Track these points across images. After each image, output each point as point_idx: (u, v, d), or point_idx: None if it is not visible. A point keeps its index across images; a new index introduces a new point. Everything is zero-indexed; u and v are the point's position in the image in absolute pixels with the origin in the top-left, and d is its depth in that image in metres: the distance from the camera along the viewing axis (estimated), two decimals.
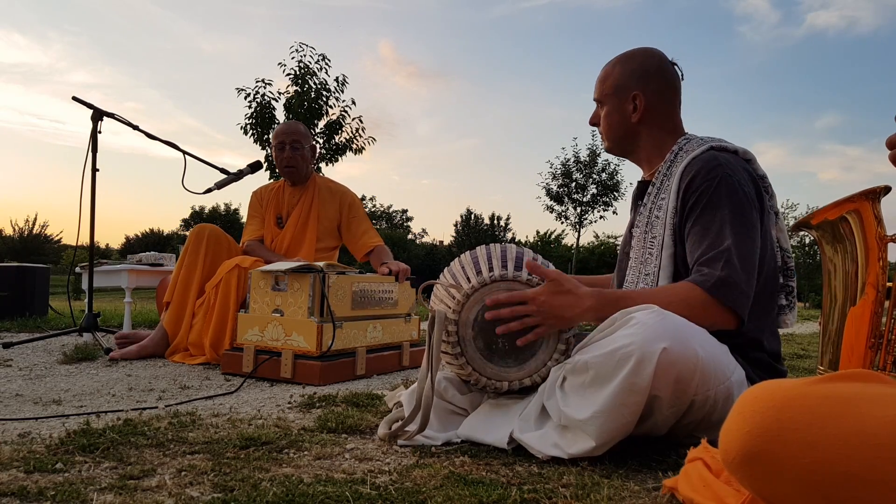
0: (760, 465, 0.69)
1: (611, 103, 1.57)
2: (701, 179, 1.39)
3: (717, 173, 1.38)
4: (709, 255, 1.33)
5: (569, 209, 25.41)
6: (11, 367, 2.31)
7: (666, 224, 1.44)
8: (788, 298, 1.48)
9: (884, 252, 1.09)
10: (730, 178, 1.37)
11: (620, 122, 1.57)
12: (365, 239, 2.92)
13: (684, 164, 1.44)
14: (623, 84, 1.56)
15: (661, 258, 1.44)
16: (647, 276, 1.47)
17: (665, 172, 1.50)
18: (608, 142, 1.62)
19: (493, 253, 1.43)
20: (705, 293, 1.30)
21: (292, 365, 2.17)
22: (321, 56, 12.73)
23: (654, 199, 1.50)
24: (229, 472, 1.09)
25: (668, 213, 1.45)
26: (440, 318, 1.35)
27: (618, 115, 1.57)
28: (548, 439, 1.22)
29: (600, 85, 1.60)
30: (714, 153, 1.43)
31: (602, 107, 1.60)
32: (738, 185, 1.37)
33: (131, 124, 2.96)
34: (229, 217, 39.06)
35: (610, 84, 1.58)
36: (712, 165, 1.39)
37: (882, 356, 1.07)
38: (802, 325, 6.64)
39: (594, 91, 1.63)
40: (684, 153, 1.48)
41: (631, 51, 1.60)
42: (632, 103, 1.55)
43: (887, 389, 0.69)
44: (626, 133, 1.57)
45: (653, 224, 1.49)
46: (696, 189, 1.39)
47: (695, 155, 1.44)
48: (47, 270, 4.47)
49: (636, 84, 1.55)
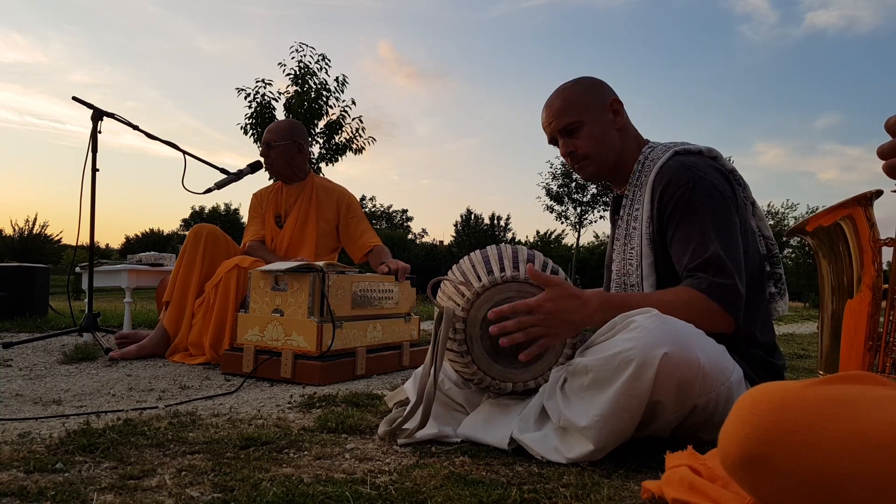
0: (759, 467, 0.69)
1: (591, 118, 1.53)
2: (675, 186, 1.40)
3: (688, 177, 1.39)
4: (697, 261, 1.34)
5: (569, 209, 25.44)
6: (11, 367, 2.31)
7: (643, 234, 1.46)
8: (778, 286, 1.50)
9: (878, 255, 1.10)
10: (702, 180, 1.39)
11: (606, 133, 1.54)
12: (364, 239, 2.92)
13: (654, 174, 1.45)
14: (595, 97, 1.55)
15: (642, 268, 1.45)
16: (631, 287, 1.48)
17: (635, 183, 1.52)
18: (595, 162, 1.55)
19: (504, 253, 1.43)
20: (703, 295, 1.31)
21: (292, 365, 2.17)
22: (321, 56, 12.74)
23: (629, 210, 1.52)
24: (229, 472, 1.09)
25: (643, 223, 1.46)
26: (448, 316, 1.34)
27: (601, 127, 1.54)
28: (548, 442, 1.22)
29: (568, 111, 1.54)
30: (680, 158, 1.44)
31: (579, 129, 1.54)
32: (711, 185, 1.38)
33: (131, 124, 2.96)
34: (229, 217, 39.07)
35: (581, 104, 1.54)
36: (683, 170, 1.40)
37: (881, 358, 1.08)
38: (802, 325, 6.64)
39: (555, 124, 1.55)
40: (651, 162, 1.49)
41: (567, 82, 1.59)
42: (610, 112, 1.55)
43: (886, 391, 0.69)
44: (613, 143, 1.55)
45: (631, 236, 1.50)
46: (672, 196, 1.40)
47: (662, 163, 1.45)
48: (47, 270, 4.46)
49: (607, 94, 1.57)
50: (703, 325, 1.27)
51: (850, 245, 1.12)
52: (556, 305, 1.28)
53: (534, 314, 1.28)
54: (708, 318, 1.30)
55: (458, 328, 1.36)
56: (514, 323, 1.28)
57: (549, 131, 1.60)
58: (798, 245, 27.90)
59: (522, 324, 1.28)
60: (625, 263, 1.51)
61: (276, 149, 2.88)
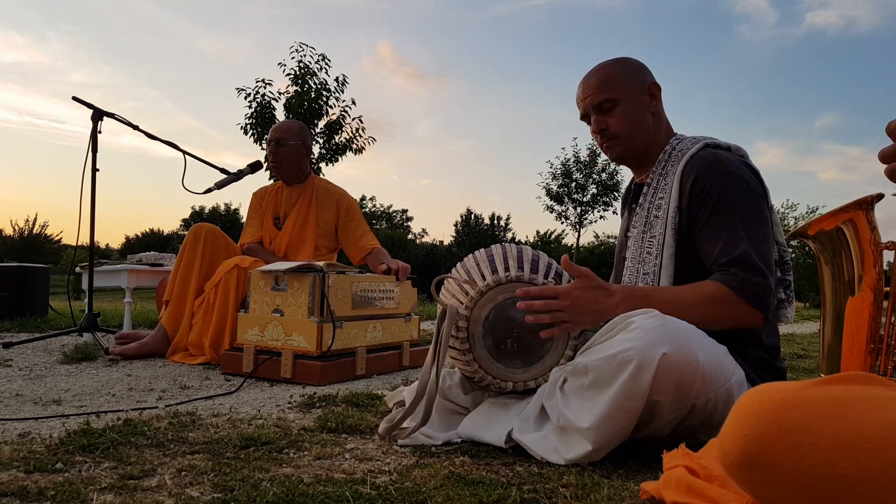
0: (759, 468, 0.69)
1: (627, 98, 1.52)
2: (706, 179, 1.39)
3: (720, 171, 1.39)
4: (729, 255, 1.34)
5: (569, 209, 25.42)
6: (11, 367, 2.31)
7: (667, 223, 1.45)
8: (787, 293, 1.50)
9: (879, 259, 1.10)
10: (734, 175, 1.39)
11: (640, 114, 1.53)
12: (363, 242, 2.91)
13: (683, 163, 1.45)
14: (634, 78, 1.54)
15: (662, 257, 1.44)
16: (646, 275, 1.47)
17: (661, 172, 1.51)
18: (626, 142, 1.53)
19: (509, 253, 1.43)
20: (732, 292, 1.31)
21: (292, 365, 2.17)
22: (321, 56, 12.75)
23: (652, 199, 1.51)
24: (229, 472, 1.09)
25: (668, 213, 1.45)
26: (451, 313, 1.34)
27: (637, 107, 1.53)
28: (547, 442, 1.22)
29: (605, 87, 1.52)
30: (712, 150, 1.44)
31: (613, 108, 1.52)
32: (743, 181, 1.38)
33: (131, 124, 2.96)
34: (229, 217, 39.06)
35: (619, 81, 1.53)
36: (715, 163, 1.40)
37: (882, 361, 1.08)
38: (802, 325, 6.64)
39: (590, 100, 1.54)
40: (679, 152, 1.49)
41: (608, 60, 1.58)
42: (647, 94, 1.54)
43: (886, 392, 0.69)
44: (646, 126, 1.53)
45: (652, 224, 1.49)
46: (703, 189, 1.39)
47: (692, 153, 1.45)
48: (47, 270, 4.46)
49: (646, 77, 1.56)
50: (730, 321, 1.28)
51: (851, 248, 1.13)
52: (584, 294, 1.31)
53: (561, 300, 1.31)
54: (735, 314, 1.31)
55: (461, 326, 1.36)
56: (542, 303, 1.31)
57: (582, 107, 1.58)
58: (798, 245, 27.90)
59: (550, 306, 1.31)
60: (641, 251, 1.50)
61: (287, 148, 2.88)
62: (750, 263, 1.32)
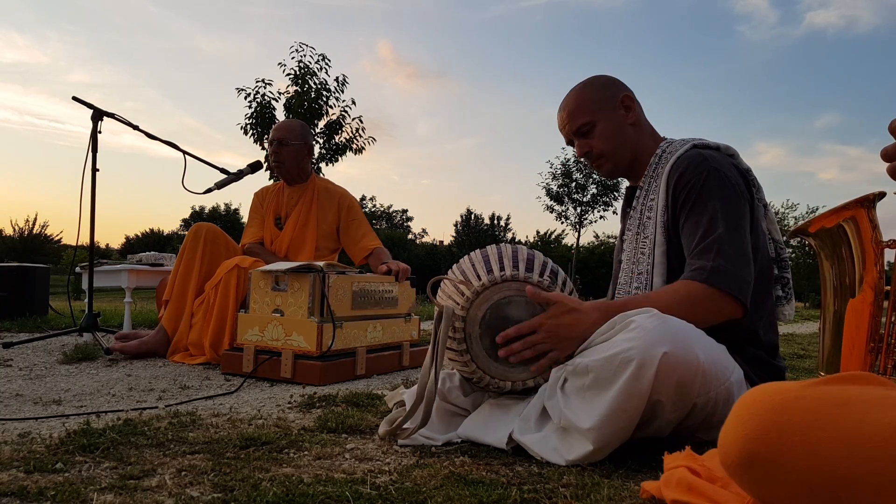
0: (759, 468, 0.69)
1: (603, 117, 1.55)
2: (689, 175, 1.42)
3: (704, 167, 1.41)
4: (701, 245, 1.35)
5: (569, 209, 25.45)
6: (11, 367, 2.31)
7: (657, 222, 1.47)
8: (785, 290, 1.50)
9: (880, 257, 1.10)
10: (717, 171, 1.40)
11: (619, 129, 1.56)
12: (364, 242, 2.91)
13: (671, 163, 1.47)
14: (605, 96, 1.57)
15: (654, 255, 1.46)
16: (640, 275, 1.48)
17: (651, 174, 1.53)
18: (611, 159, 1.57)
19: (504, 252, 1.43)
20: (703, 285, 1.32)
21: (292, 365, 2.17)
22: (321, 56, 12.76)
23: (644, 200, 1.53)
24: (229, 472, 1.09)
25: (658, 212, 1.47)
26: (448, 314, 1.34)
27: (614, 124, 1.56)
28: (548, 443, 1.22)
29: (580, 113, 1.56)
30: (698, 150, 1.47)
31: (592, 130, 1.56)
32: (725, 177, 1.40)
33: (131, 124, 2.96)
34: (229, 217, 39.08)
35: (591, 104, 1.56)
36: (699, 161, 1.43)
37: (882, 360, 1.08)
38: (802, 324, 6.64)
39: (569, 127, 1.58)
40: (668, 154, 1.51)
41: (578, 84, 1.61)
42: (621, 108, 1.57)
43: (886, 392, 0.69)
44: (626, 139, 1.56)
45: (644, 225, 1.51)
46: (686, 184, 1.42)
47: (680, 154, 1.47)
48: (47, 270, 4.46)
49: (617, 91, 1.58)
50: (709, 316, 1.28)
51: (852, 246, 1.12)
52: (557, 321, 1.31)
53: (537, 332, 1.32)
54: (712, 308, 1.31)
55: (458, 327, 1.36)
56: (520, 344, 1.33)
57: (564, 134, 1.62)
58: (798, 245, 27.90)
59: (528, 343, 1.32)
60: (636, 252, 1.51)
61: (290, 148, 2.88)
62: (721, 251, 1.32)
